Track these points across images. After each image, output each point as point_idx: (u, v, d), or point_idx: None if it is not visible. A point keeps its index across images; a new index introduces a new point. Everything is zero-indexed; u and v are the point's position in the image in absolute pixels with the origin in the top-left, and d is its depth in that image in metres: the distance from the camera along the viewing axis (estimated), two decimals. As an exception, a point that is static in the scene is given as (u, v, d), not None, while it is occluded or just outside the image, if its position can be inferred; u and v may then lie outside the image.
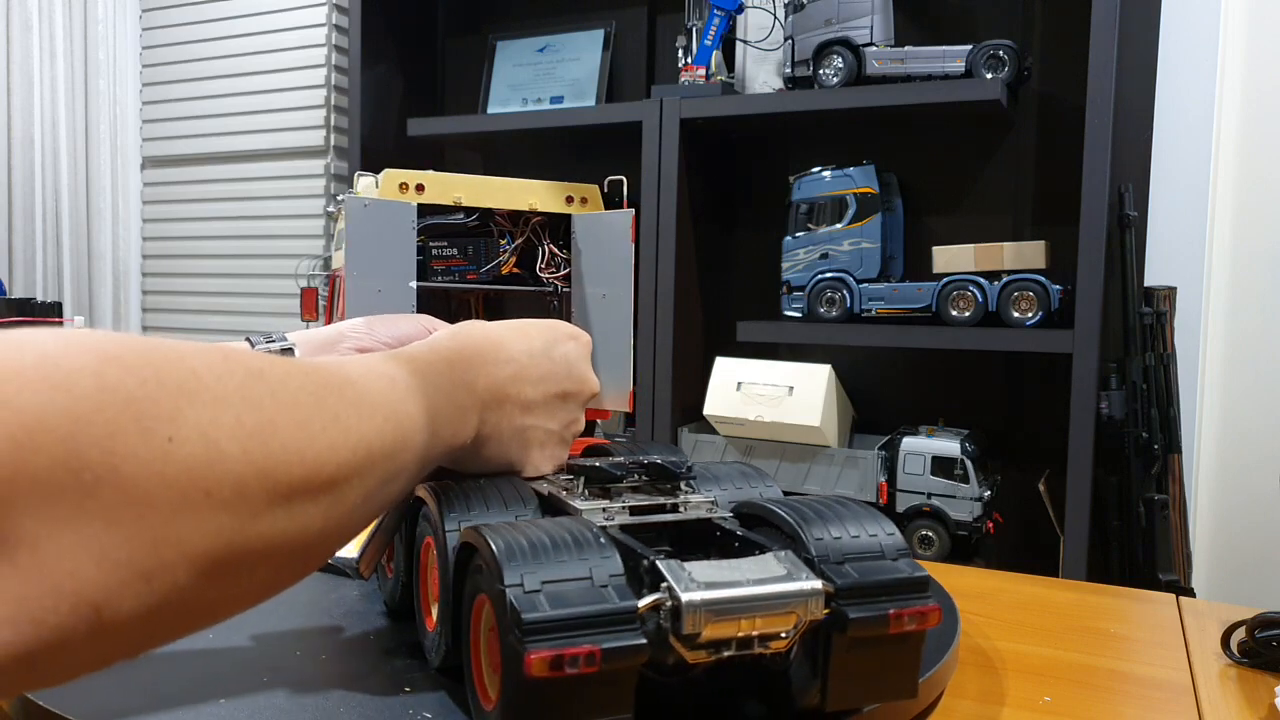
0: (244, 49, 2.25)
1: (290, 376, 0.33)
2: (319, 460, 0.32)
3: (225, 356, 0.30)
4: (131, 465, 0.26)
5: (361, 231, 0.65)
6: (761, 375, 1.60)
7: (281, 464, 0.30)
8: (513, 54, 2.05)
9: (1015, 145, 1.68)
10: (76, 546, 0.24)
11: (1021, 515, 1.64)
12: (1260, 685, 0.54)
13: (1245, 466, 1.58)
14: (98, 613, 0.25)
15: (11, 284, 2.43)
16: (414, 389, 0.41)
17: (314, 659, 0.49)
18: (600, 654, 0.34)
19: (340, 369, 0.37)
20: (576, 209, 0.74)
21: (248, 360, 0.31)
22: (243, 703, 0.43)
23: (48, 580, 0.24)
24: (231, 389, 0.30)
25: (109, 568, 0.25)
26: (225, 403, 0.29)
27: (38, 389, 0.24)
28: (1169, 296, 1.51)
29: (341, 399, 0.35)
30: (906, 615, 0.39)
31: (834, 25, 1.57)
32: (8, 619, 0.23)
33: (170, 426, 0.27)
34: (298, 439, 0.31)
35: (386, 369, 0.41)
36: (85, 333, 0.27)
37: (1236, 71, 1.57)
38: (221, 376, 0.30)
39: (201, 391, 0.28)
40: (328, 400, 0.34)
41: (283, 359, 0.34)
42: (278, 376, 0.32)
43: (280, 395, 0.32)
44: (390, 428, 0.38)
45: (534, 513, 0.48)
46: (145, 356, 0.27)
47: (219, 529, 0.28)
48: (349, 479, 0.34)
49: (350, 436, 0.34)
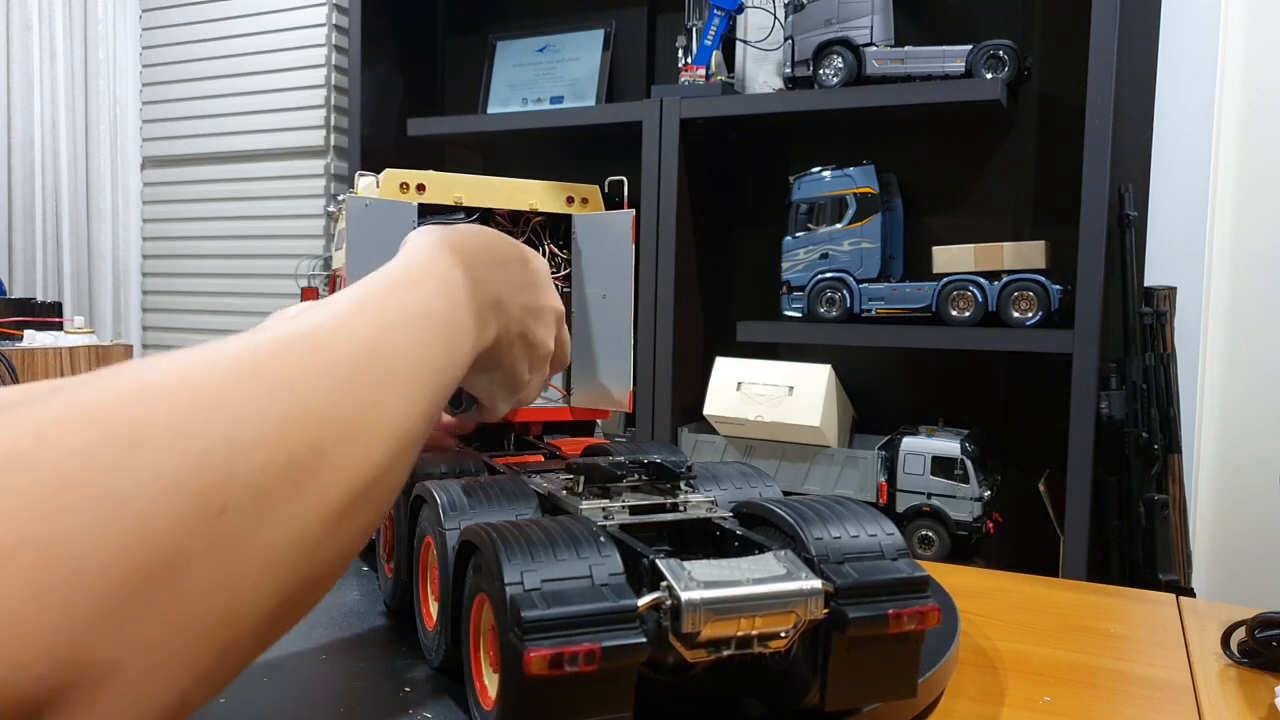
0: (244, 49, 2.25)
1: (321, 376, 0.31)
2: (365, 464, 0.32)
3: (259, 377, 0.29)
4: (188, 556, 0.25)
5: (362, 231, 0.65)
6: (761, 375, 1.60)
7: (333, 487, 0.30)
8: (513, 54, 2.05)
9: (1015, 145, 1.68)
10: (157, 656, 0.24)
11: (1021, 515, 1.64)
12: (1260, 685, 0.53)
13: (1245, 466, 1.58)
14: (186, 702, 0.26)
15: (11, 284, 2.43)
16: (467, 293, 0.42)
17: (314, 659, 0.49)
18: (600, 652, 0.34)
19: (361, 338, 0.35)
20: (577, 209, 0.74)
21: (279, 372, 0.30)
22: (243, 703, 0.43)
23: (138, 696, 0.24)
24: (272, 423, 0.28)
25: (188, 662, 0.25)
26: (269, 442, 0.28)
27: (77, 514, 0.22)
28: (1169, 296, 1.51)
29: (370, 383, 0.33)
30: (906, 615, 0.39)
31: (834, 25, 1.57)
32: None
33: (223, 494, 0.26)
34: (344, 453, 0.31)
35: (452, 274, 0.42)
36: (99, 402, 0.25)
37: (1236, 71, 1.57)
38: (261, 411, 0.28)
39: (246, 436, 0.27)
40: (361, 391, 0.33)
41: (307, 341, 0.32)
42: (311, 379, 0.31)
43: (318, 407, 0.30)
44: (420, 387, 0.37)
45: (534, 512, 0.48)
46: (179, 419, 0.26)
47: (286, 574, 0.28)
48: (394, 465, 0.34)
49: (387, 423, 0.33)
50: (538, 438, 0.73)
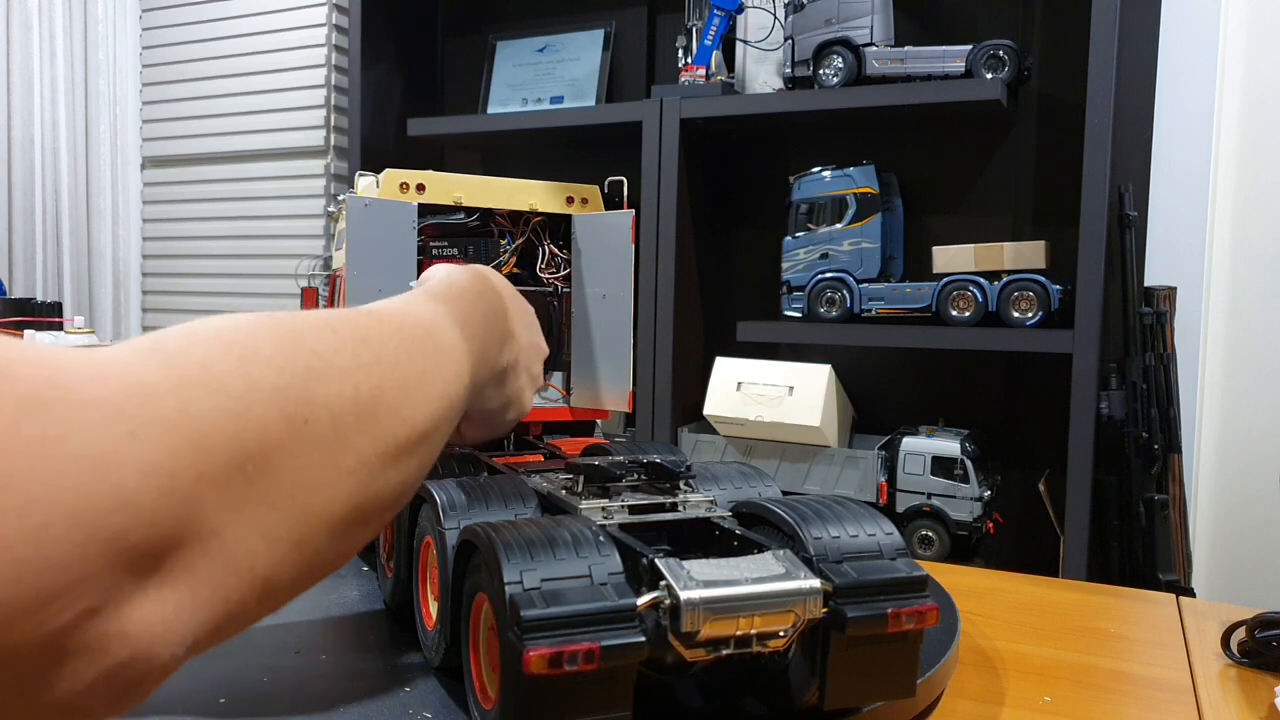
0: (244, 49, 2.25)
1: (386, 337, 0.37)
2: (416, 419, 0.36)
3: (333, 329, 0.34)
4: (280, 452, 0.29)
5: (362, 231, 0.65)
6: (761, 375, 1.60)
7: (389, 430, 0.34)
8: (513, 54, 2.05)
9: (1015, 145, 1.68)
10: (249, 530, 0.28)
11: (1021, 515, 1.64)
12: (1260, 685, 0.53)
13: (1245, 466, 1.58)
14: (266, 584, 0.29)
15: (11, 284, 2.43)
16: (460, 329, 0.45)
17: (314, 659, 0.49)
18: (599, 652, 0.34)
19: (417, 320, 0.41)
20: (577, 209, 0.74)
21: (351, 327, 0.35)
22: (243, 703, 0.43)
23: (231, 563, 0.28)
24: (346, 362, 0.33)
25: (272, 544, 0.29)
26: (343, 377, 0.33)
27: (202, 396, 0.27)
28: (1169, 296, 1.51)
29: (424, 353, 0.39)
30: (905, 614, 0.39)
31: (834, 25, 1.57)
32: (205, 600, 0.27)
33: (306, 409, 0.31)
34: (400, 402, 0.35)
35: (440, 311, 0.44)
36: (216, 329, 0.30)
37: (1236, 71, 1.57)
38: (338, 350, 0.33)
39: (324, 370, 0.32)
40: (417, 358, 0.38)
41: (373, 314, 0.38)
42: (378, 339, 0.36)
43: (383, 359, 0.35)
44: (458, 371, 0.42)
45: (534, 511, 0.48)
46: (276, 344, 0.31)
47: (348, 494, 0.32)
48: (438, 428, 0.38)
49: (435, 389, 0.38)
50: (538, 438, 0.73)
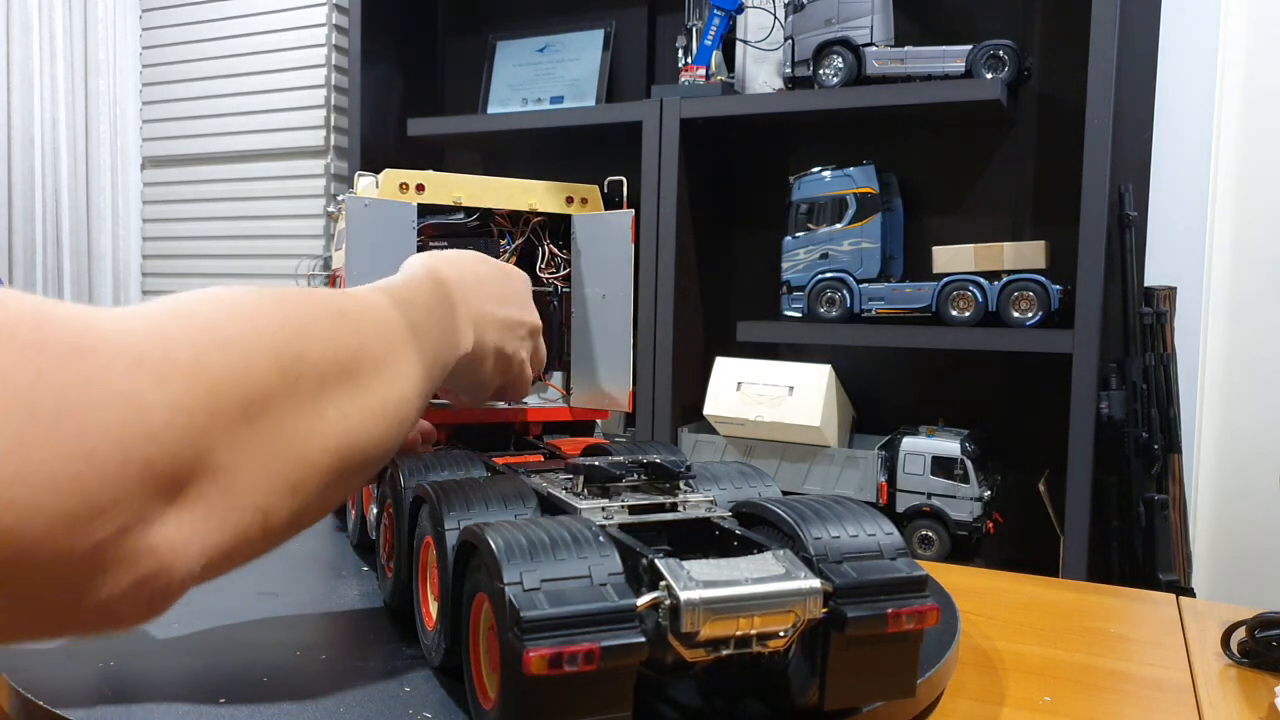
0: (244, 49, 2.25)
1: (362, 313, 0.42)
2: (382, 384, 0.41)
3: (317, 302, 0.40)
4: (276, 400, 0.33)
5: (361, 231, 0.65)
6: (761, 375, 1.60)
7: (364, 389, 0.39)
8: (513, 54, 2.05)
9: (1015, 145, 1.68)
10: (253, 468, 0.32)
11: (1021, 515, 1.64)
12: (1260, 685, 0.53)
13: (1245, 466, 1.58)
14: (266, 519, 0.33)
15: (12, 284, 2.43)
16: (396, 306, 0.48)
17: (314, 659, 0.49)
18: (599, 652, 0.34)
19: (378, 305, 0.45)
20: (576, 209, 0.74)
21: (330, 303, 0.41)
22: (243, 703, 0.43)
23: (238, 496, 0.31)
24: (328, 330, 0.38)
25: (271, 482, 0.33)
26: (326, 342, 0.37)
27: (213, 349, 0.31)
28: (1169, 296, 1.51)
29: (388, 331, 0.44)
30: (905, 614, 0.39)
31: (834, 25, 1.57)
32: (217, 526, 0.31)
33: (298, 365, 0.35)
34: (368, 367, 0.40)
35: (392, 302, 0.48)
36: (220, 295, 0.35)
37: (1236, 71, 1.57)
38: (320, 319, 0.38)
39: (311, 334, 0.37)
40: (384, 333, 0.43)
41: (347, 295, 0.44)
42: (354, 313, 0.41)
43: (360, 330, 0.41)
44: (380, 331, 0.44)
45: (533, 511, 0.48)
46: (272, 310, 0.36)
47: (335, 444, 0.37)
48: (404, 396, 0.43)
49: (402, 363, 0.43)
50: (538, 438, 0.73)
